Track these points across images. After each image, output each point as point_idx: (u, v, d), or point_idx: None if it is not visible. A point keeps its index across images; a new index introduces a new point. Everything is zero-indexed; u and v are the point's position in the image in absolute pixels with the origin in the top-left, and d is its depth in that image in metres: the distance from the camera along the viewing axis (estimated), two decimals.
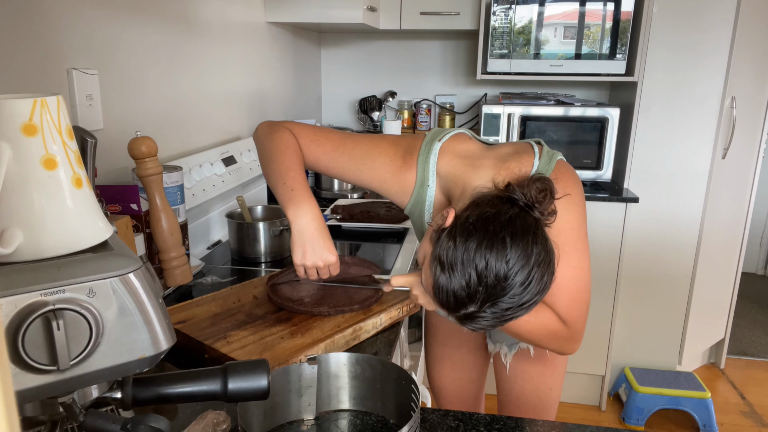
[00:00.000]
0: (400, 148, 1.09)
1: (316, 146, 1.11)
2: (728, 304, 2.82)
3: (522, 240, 0.80)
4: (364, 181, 1.11)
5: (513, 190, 0.86)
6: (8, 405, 0.25)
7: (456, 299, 0.81)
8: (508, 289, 0.79)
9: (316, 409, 0.85)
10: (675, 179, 2.43)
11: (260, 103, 2.13)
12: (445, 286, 0.82)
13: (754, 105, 2.53)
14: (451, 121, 2.83)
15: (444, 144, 1.06)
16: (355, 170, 1.10)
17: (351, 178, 1.12)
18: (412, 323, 1.82)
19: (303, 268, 1.05)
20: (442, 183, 1.06)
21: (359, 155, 1.10)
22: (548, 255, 0.82)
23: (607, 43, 2.23)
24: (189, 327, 1.01)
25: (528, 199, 0.85)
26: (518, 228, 0.81)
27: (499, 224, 0.81)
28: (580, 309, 0.97)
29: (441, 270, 0.82)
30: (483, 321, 0.82)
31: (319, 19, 2.07)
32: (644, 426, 2.41)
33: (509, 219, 0.82)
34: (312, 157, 1.12)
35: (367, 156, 1.09)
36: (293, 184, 1.04)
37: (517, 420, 0.85)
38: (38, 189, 0.50)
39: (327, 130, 1.14)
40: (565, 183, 0.97)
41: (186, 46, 1.56)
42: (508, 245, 0.79)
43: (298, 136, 1.12)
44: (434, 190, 1.07)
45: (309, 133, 1.12)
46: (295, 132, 1.12)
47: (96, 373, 0.51)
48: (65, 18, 1.10)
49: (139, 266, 0.53)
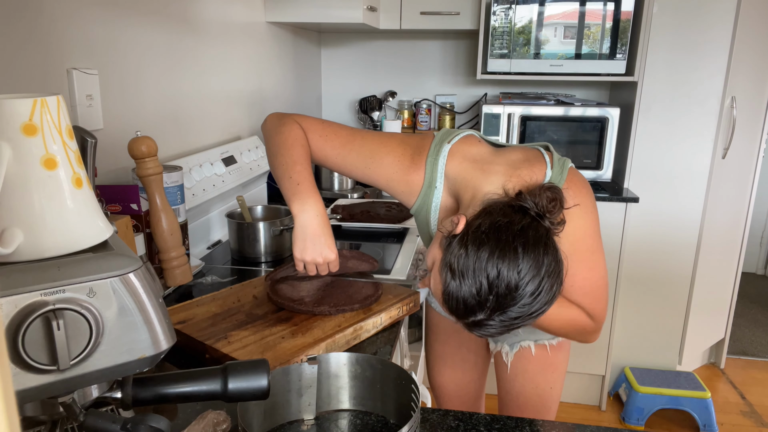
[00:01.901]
0: (409, 147, 1.09)
1: (325, 141, 1.11)
2: (728, 304, 2.82)
3: (534, 251, 0.81)
4: (370, 178, 1.11)
5: (524, 199, 0.87)
6: (8, 405, 0.25)
7: (465, 306, 0.82)
8: (518, 299, 0.80)
9: (316, 409, 0.85)
10: (675, 179, 2.43)
11: (260, 102, 2.13)
12: (455, 293, 0.82)
13: (754, 105, 2.53)
14: (451, 121, 2.83)
15: (453, 146, 1.06)
16: (362, 167, 1.10)
17: (358, 175, 1.12)
18: (412, 323, 1.82)
19: (302, 264, 1.05)
20: (450, 185, 1.06)
21: (367, 152, 1.09)
22: (558, 265, 0.83)
23: (607, 43, 2.23)
24: (189, 327, 1.01)
25: (539, 208, 0.86)
26: (530, 238, 0.82)
27: (511, 234, 0.81)
28: (601, 303, 1.02)
29: (452, 277, 0.82)
30: (491, 328, 0.83)
31: (319, 19, 2.07)
32: (644, 426, 2.41)
33: (521, 229, 0.82)
34: (320, 152, 1.12)
35: (375, 154, 1.09)
36: (299, 178, 1.04)
37: (517, 420, 0.85)
38: (38, 189, 0.50)
39: (336, 126, 1.14)
40: (577, 192, 0.98)
41: (186, 46, 1.56)
42: (520, 255, 0.80)
43: (307, 130, 1.11)
44: (441, 192, 1.07)
45: (318, 128, 1.12)
46: (304, 126, 1.12)
47: (96, 373, 0.51)
48: (65, 18, 1.10)
49: (139, 266, 0.53)
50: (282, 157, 1.06)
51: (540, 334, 1.19)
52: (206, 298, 1.14)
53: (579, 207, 0.97)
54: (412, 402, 0.77)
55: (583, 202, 0.98)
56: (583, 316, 1.01)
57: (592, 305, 1.00)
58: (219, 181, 1.61)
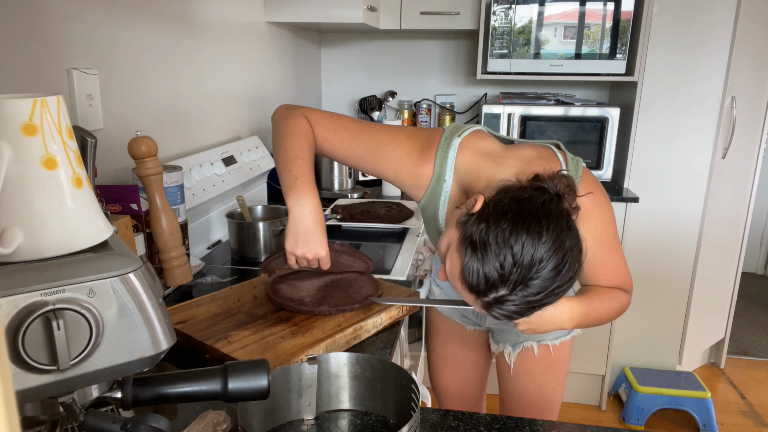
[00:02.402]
0: (418, 140, 1.09)
1: (333, 135, 1.10)
2: (728, 304, 2.82)
3: (557, 224, 0.79)
4: (378, 171, 1.10)
5: (542, 180, 0.86)
6: (8, 405, 0.25)
7: (487, 281, 0.80)
8: (541, 271, 0.78)
9: (316, 409, 0.85)
10: (675, 179, 2.43)
11: (260, 102, 2.13)
12: (476, 267, 0.80)
13: (754, 105, 2.53)
14: (451, 120, 2.83)
15: (464, 140, 1.06)
16: (371, 160, 1.10)
17: (366, 168, 1.11)
18: (412, 323, 1.82)
19: (293, 257, 1.05)
20: (459, 178, 1.06)
21: (376, 146, 1.09)
22: (579, 244, 0.82)
23: (607, 43, 2.23)
24: (189, 327, 1.01)
25: (558, 189, 0.85)
26: (552, 212, 0.80)
27: (534, 206, 0.80)
28: (629, 275, 1.07)
29: (472, 251, 0.80)
30: (511, 305, 0.81)
31: (319, 18, 2.07)
32: (644, 426, 2.41)
33: (543, 203, 0.81)
34: (328, 146, 1.11)
35: (384, 147, 1.08)
36: (298, 172, 1.04)
37: (517, 420, 0.85)
38: (38, 189, 0.50)
39: (344, 119, 1.13)
40: (590, 184, 1.00)
41: (186, 46, 1.56)
42: (543, 227, 0.78)
43: (315, 124, 1.11)
44: (451, 185, 1.07)
45: (326, 122, 1.11)
46: (311, 119, 1.11)
47: (96, 373, 0.51)
48: (65, 18, 1.10)
49: (139, 266, 0.53)
50: (284, 149, 1.06)
51: (542, 334, 1.19)
52: (206, 298, 1.14)
53: (597, 205, 0.99)
54: (412, 402, 0.77)
55: (599, 199, 1.00)
56: (622, 296, 1.04)
57: (624, 281, 1.05)
58: (219, 181, 1.61)
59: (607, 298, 1.03)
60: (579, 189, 0.93)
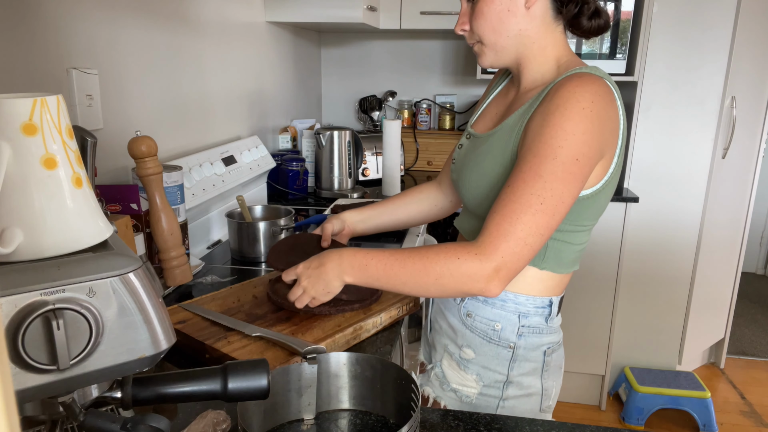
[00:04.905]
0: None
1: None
2: (728, 303, 2.82)
3: None
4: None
5: None
6: (8, 405, 0.25)
7: None
8: None
9: (316, 409, 0.85)
10: (675, 179, 2.43)
11: (260, 103, 2.13)
12: None
13: (754, 105, 2.53)
14: (451, 121, 2.83)
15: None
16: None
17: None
18: (412, 323, 1.82)
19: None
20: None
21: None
22: None
23: (607, 43, 2.23)
24: (189, 327, 1.01)
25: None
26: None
27: None
28: (503, 227, 0.81)
29: None
30: None
31: (319, 18, 2.07)
32: (644, 426, 2.41)
33: None
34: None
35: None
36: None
37: (517, 419, 0.85)
38: (38, 189, 0.50)
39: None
40: (577, 85, 0.85)
41: (186, 46, 1.56)
42: None
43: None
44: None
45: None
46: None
47: (96, 372, 0.51)
48: (65, 18, 1.10)
49: (139, 266, 0.53)
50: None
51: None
52: (206, 298, 1.14)
53: (578, 106, 0.84)
54: (412, 402, 0.77)
55: (585, 92, 0.85)
56: (464, 257, 0.82)
57: (503, 233, 0.81)
58: (219, 181, 1.61)
59: (426, 254, 0.83)
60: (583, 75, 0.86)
